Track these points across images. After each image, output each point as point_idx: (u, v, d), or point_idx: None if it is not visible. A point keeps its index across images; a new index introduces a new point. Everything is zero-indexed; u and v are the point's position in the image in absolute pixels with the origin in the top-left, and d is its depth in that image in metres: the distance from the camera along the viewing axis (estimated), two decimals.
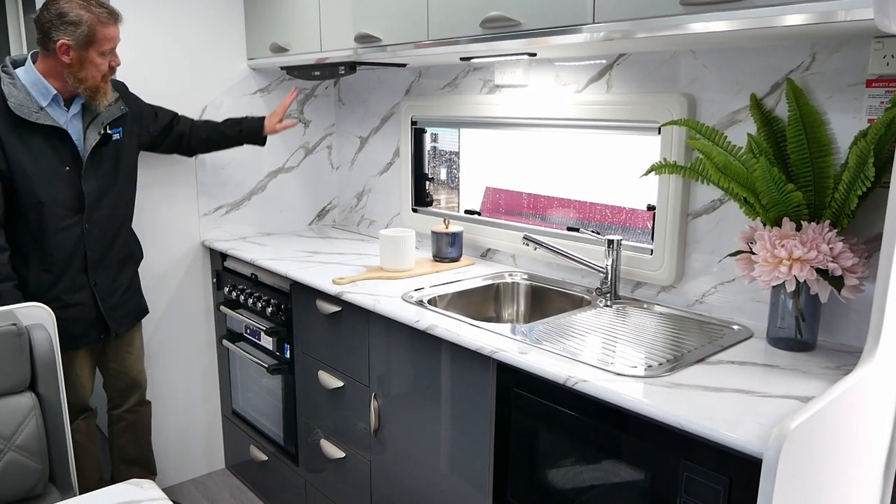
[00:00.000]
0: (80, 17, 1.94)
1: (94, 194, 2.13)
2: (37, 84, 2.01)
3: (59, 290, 2.11)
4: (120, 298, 2.27)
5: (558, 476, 1.50)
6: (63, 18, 1.93)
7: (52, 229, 2.06)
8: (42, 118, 2.00)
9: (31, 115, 1.98)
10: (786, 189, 1.46)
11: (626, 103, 1.92)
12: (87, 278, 2.16)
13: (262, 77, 2.84)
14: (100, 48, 1.98)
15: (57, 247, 2.08)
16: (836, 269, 1.43)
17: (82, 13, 1.94)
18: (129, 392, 2.45)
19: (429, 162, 2.73)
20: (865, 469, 1.33)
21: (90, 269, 2.16)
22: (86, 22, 1.94)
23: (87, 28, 1.95)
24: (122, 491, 1.34)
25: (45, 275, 2.09)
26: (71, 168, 2.08)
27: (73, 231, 2.10)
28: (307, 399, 2.35)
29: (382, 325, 1.94)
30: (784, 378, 1.39)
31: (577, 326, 1.74)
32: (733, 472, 1.17)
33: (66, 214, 2.08)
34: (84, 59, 1.97)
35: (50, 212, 2.05)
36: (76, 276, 2.14)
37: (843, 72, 1.53)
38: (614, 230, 2.16)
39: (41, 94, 2.01)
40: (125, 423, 2.47)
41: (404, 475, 1.95)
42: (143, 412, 2.51)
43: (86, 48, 1.96)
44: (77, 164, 2.09)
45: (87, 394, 2.30)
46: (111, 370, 2.39)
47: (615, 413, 1.35)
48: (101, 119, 2.13)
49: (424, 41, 1.97)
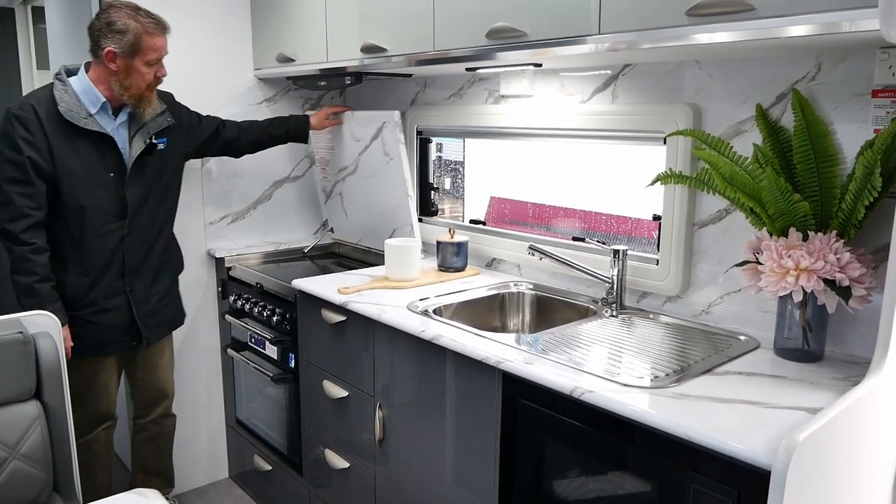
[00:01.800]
0: (126, 26, 1.99)
1: (136, 201, 2.16)
2: (87, 92, 2.06)
3: (96, 294, 2.13)
4: (155, 306, 2.28)
5: (564, 487, 1.49)
6: (111, 27, 1.99)
7: (92, 234, 2.10)
8: (90, 124, 2.04)
9: (80, 121, 2.03)
10: (792, 199, 1.46)
11: (631, 114, 1.92)
12: (124, 284, 2.18)
13: (269, 87, 2.85)
14: (145, 57, 2.03)
15: (96, 251, 2.11)
16: (844, 280, 1.42)
17: (129, 22, 1.99)
18: (156, 403, 2.45)
19: (434, 171, 2.73)
20: (875, 481, 1.32)
21: (127, 276, 2.18)
22: (132, 31, 1.99)
23: (132, 37, 1.99)
24: (126, 500, 1.34)
25: (83, 279, 2.11)
26: (115, 174, 2.11)
27: (113, 236, 2.13)
28: (312, 409, 2.34)
29: (387, 335, 1.94)
30: (792, 389, 1.38)
31: (583, 337, 1.74)
32: (741, 484, 1.16)
33: (108, 220, 2.12)
34: (130, 67, 2.02)
35: (92, 216, 2.08)
36: (113, 281, 2.16)
37: (848, 82, 1.53)
38: (620, 240, 2.16)
39: (91, 102, 2.06)
40: (148, 434, 2.48)
41: (409, 486, 1.94)
42: (167, 424, 2.51)
43: (131, 56, 2.01)
44: (121, 170, 2.13)
45: (112, 402, 2.30)
46: (139, 380, 2.40)
47: (621, 424, 1.34)
48: (147, 129, 2.18)
49: (430, 52, 1.97)
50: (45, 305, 1.97)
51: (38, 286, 1.99)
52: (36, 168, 1.98)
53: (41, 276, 2.00)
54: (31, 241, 1.99)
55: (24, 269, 1.98)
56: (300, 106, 2.94)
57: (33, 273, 1.99)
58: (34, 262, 1.99)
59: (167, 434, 2.53)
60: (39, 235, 2.01)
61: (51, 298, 2.01)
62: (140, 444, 2.49)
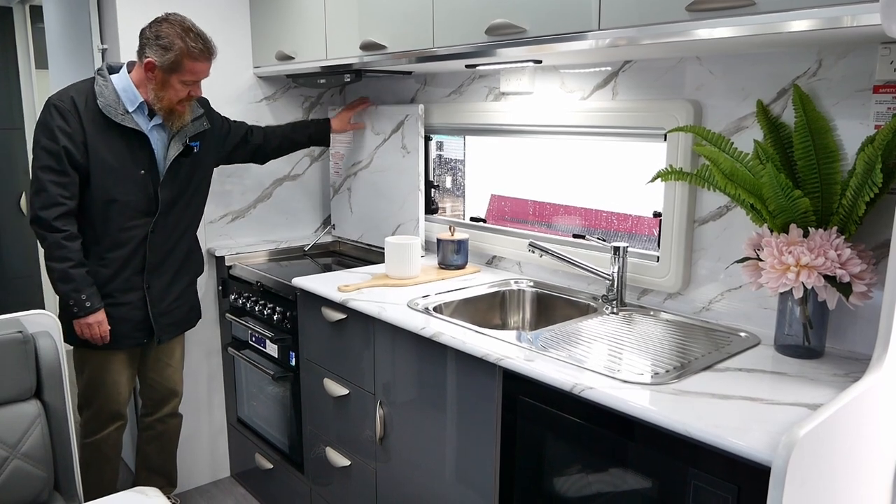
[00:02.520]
0: (172, 44, 2.01)
1: (167, 202, 2.19)
2: (127, 90, 2.10)
3: (113, 287, 2.15)
4: (170, 306, 2.29)
5: (564, 484, 1.49)
6: (158, 40, 2.02)
7: (116, 227, 2.12)
8: (126, 121, 2.08)
9: (117, 117, 2.06)
10: (793, 195, 1.46)
11: (631, 110, 1.92)
12: (143, 280, 2.20)
13: (269, 85, 2.85)
14: (182, 77, 2.06)
15: (119, 245, 2.13)
16: (844, 276, 1.42)
17: (176, 41, 2.01)
18: (164, 402, 2.46)
19: (434, 170, 2.73)
20: (875, 476, 1.31)
21: (147, 272, 2.20)
22: (176, 50, 2.01)
23: (174, 56, 2.02)
24: (127, 498, 1.34)
25: (102, 270, 2.13)
26: (146, 172, 2.14)
27: (138, 232, 2.15)
28: (312, 407, 2.34)
29: (388, 333, 1.94)
30: (792, 385, 1.38)
31: (584, 334, 1.73)
32: (742, 480, 1.16)
33: (135, 216, 2.14)
34: (166, 81, 2.06)
35: (119, 211, 2.11)
36: (132, 276, 2.18)
37: (849, 78, 1.52)
38: (620, 237, 2.15)
39: (129, 100, 2.10)
40: (154, 433, 2.49)
41: (410, 483, 1.94)
42: (173, 423, 2.52)
43: (169, 73, 2.04)
44: (153, 169, 2.16)
45: (123, 401, 2.30)
46: (149, 378, 2.41)
47: (622, 421, 1.34)
48: (185, 132, 2.20)
49: (430, 48, 1.97)
50: (81, 290, 2.04)
51: (72, 271, 2.03)
52: (70, 158, 2.02)
53: (76, 262, 2.04)
54: (65, 229, 2.03)
55: (59, 256, 2.02)
56: (300, 104, 2.94)
57: (68, 259, 2.03)
58: (68, 248, 2.03)
59: (172, 433, 2.53)
60: (71, 223, 2.05)
61: (85, 283, 2.06)
62: (145, 441, 2.50)
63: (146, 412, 2.47)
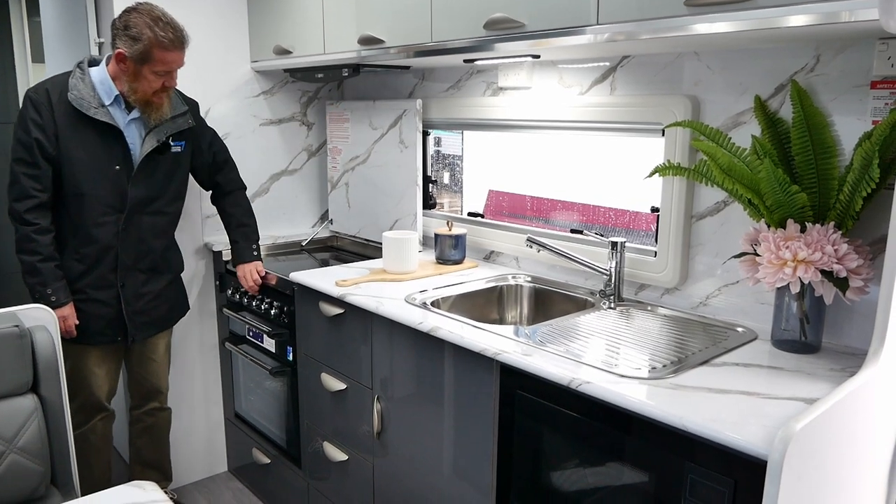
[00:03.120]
0: (140, 35, 1.97)
1: (138, 199, 2.16)
2: (103, 83, 2.07)
3: (86, 282, 2.14)
4: (146, 305, 2.27)
5: (562, 478, 1.49)
6: (127, 30, 1.98)
7: (89, 222, 2.10)
8: (100, 115, 2.05)
9: (90, 111, 2.03)
10: (790, 190, 1.46)
11: (629, 105, 1.92)
12: (116, 278, 2.18)
13: (266, 80, 2.84)
14: (153, 67, 2.02)
15: (92, 241, 2.12)
16: (841, 271, 1.42)
17: (145, 31, 1.97)
18: (150, 397, 2.46)
19: (432, 165, 2.73)
20: (871, 470, 1.32)
21: (120, 270, 2.18)
22: (145, 40, 1.97)
23: (143, 46, 1.98)
24: (124, 493, 1.34)
25: (77, 265, 2.12)
26: (121, 168, 2.12)
27: (108, 228, 2.13)
28: (310, 402, 2.34)
29: (385, 328, 1.94)
30: (789, 380, 1.38)
31: (581, 328, 1.74)
32: (738, 474, 1.16)
33: (105, 211, 2.12)
34: (138, 72, 2.02)
35: (89, 205, 2.09)
36: (106, 273, 2.16)
37: (847, 73, 1.53)
38: (618, 233, 2.16)
39: (105, 93, 2.07)
40: (143, 426, 2.49)
41: (407, 478, 1.95)
42: (161, 416, 2.52)
43: (140, 63, 2.01)
44: (128, 165, 2.13)
45: (103, 394, 2.29)
46: (135, 373, 2.41)
47: (619, 415, 1.35)
48: (165, 128, 2.17)
49: (428, 43, 1.97)
50: (48, 284, 2.03)
51: (40, 265, 2.03)
52: (42, 150, 2.01)
53: (44, 256, 2.04)
54: (35, 222, 2.02)
55: (28, 249, 2.03)
56: (298, 98, 2.94)
57: (36, 252, 2.03)
58: (37, 241, 2.02)
59: (162, 426, 2.53)
60: (43, 216, 2.05)
61: (53, 277, 2.05)
62: (136, 435, 2.50)
63: (134, 405, 2.47)
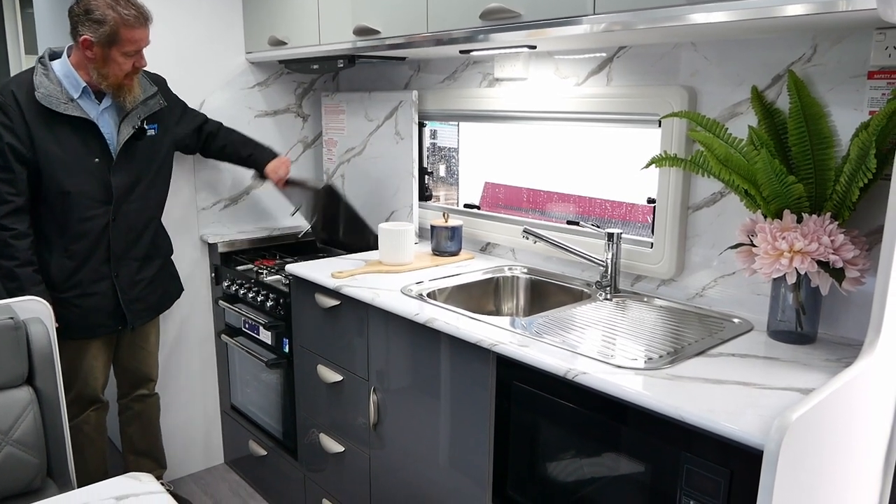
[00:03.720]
0: (104, 16, 1.94)
1: (122, 187, 2.15)
2: (69, 76, 2.04)
3: (81, 277, 2.13)
4: (141, 292, 2.27)
5: (558, 469, 1.49)
6: (89, 15, 1.94)
7: (76, 219, 2.09)
8: (70, 109, 2.02)
9: (59, 107, 2.00)
10: (787, 181, 1.46)
11: (626, 96, 1.91)
12: (110, 269, 2.17)
13: (261, 71, 2.83)
14: (122, 48, 1.99)
15: (80, 236, 2.10)
16: (838, 262, 1.42)
17: (108, 12, 1.94)
18: (140, 384, 2.47)
19: (428, 157, 2.72)
20: (866, 460, 1.32)
21: (113, 261, 2.17)
22: (110, 22, 1.94)
23: (109, 28, 1.94)
24: (120, 484, 1.33)
25: (68, 262, 2.11)
26: (101, 160, 2.10)
27: (98, 222, 2.12)
28: (306, 393, 2.34)
29: (382, 319, 1.93)
30: (785, 370, 1.39)
31: (577, 320, 1.74)
32: (734, 464, 1.17)
33: (92, 205, 2.10)
34: (107, 56, 1.98)
35: (75, 202, 2.07)
36: (99, 266, 2.15)
37: (844, 63, 1.52)
38: (614, 225, 2.15)
39: (72, 86, 2.04)
40: (132, 413, 2.49)
41: (404, 469, 1.95)
42: (150, 402, 2.52)
43: (108, 47, 1.97)
44: (107, 156, 2.11)
45: (99, 386, 2.30)
46: (123, 363, 2.41)
47: (615, 406, 1.35)
48: (137, 113, 2.15)
49: (424, 33, 1.96)
50: (26, 289, 2.00)
51: (18, 270, 2.01)
52: (15, 154, 1.98)
53: (21, 261, 2.01)
54: (12, 227, 2.00)
55: (5, 254, 2.01)
56: (293, 90, 2.92)
57: (14, 258, 2.01)
58: (14, 247, 2.00)
59: (151, 412, 2.53)
60: (21, 220, 2.02)
61: (31, 282, 2.02)
62: (126, 423, 2.51)
63: (122, 393, 2.47)
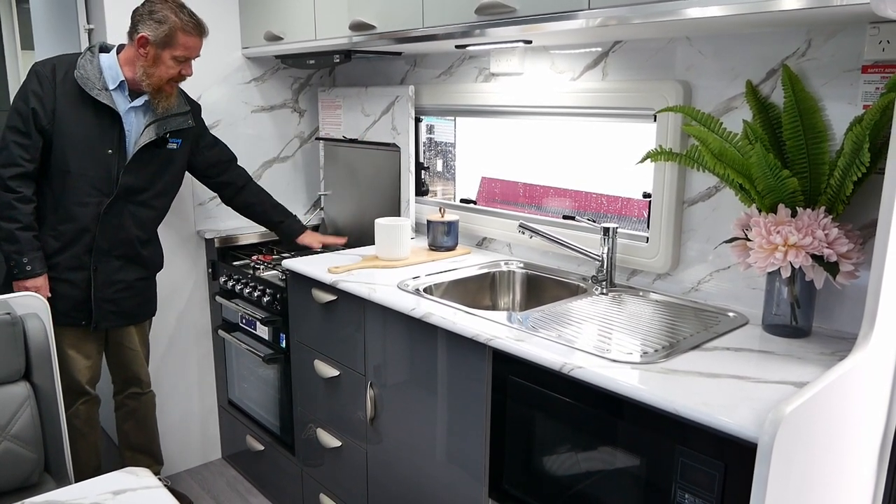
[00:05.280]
0: (166, 18, 2.05)
1: (127, 187, 2.17)
2: (111, 68, 2.11)
3: (60, 260, 2.15)
4: (115, 294, 2.25)
5: (554, 463, 1.50)
6: (152, 15, 2.05)
7: (72, 201, 2.12)
8: (102, 97, 2.09)
9: (92, 91, 2.07)
10: (781, 175, 1.46)
11: (621, 91, 1.91)
12: (90, 261, 2.18)
13: (257, 66, 2.82)
14: (174, 52, 2.08)
15: (71, 219, 2.13)
16: (832, 255, 1.43)
17: (170, 15, 2.05)
18: (129, 384, 2.46)
19: (424, 153, 2.72)
20: (860, 453, 1.33)
21: (94, 253, 2.17)
22: (170, 24, 2.05)
23: (168, 29, 2.05)
24: (117, 479, 1.34)
25: (53, 241, 2.13)
26: (113, 152, 2.14)
27: (90, 210, 2.14)
28: (303, 389, 2.35)
29: (378, 314, 1.94)
30: (779, 364, 1.39)
31: (573, 314, 1.74)
32: (728, 457, 1.17)
33: (90, 191, 2.13)
34: (158, 57, 2.07)
35: (74, 184, 2.11)
36: (80, 254, 2.16)
37: (838, 58, 1.53)
38: (610, 220, 2.16)
39: (111, 78, 2.11)
40: (126, 409, 2.49)
41: (400, 463, 1.96)
42: (144, 400, 2.51)
43: (162, 47, 2.06)
44: (121, 150, 2.15)
45: (83, 378, 2.29)
46: (112, 359, 2.41)
47: (611, 399, 1.35)
48: (166, 124, 2.20)
49: (419, 29, 1.96)
50: (24, 253, 2.05)
51: (18, 233, 2.05)
52: (37, 121, 2.05)
53: (24, 225, 2.05)
54: (18, 190, 2.05)
55: (8, 216, 2.04)
56: (289, 85, 2.92)
57: (16, 220, 2.05)
58: (18, 209, 2.05)
59: (146, 410, 2.53)
60: (27, 186, 2.07)
61: (31, 247, 2.07)
62: (121, 419, 2.51)
63: (116, 390, 2.48)
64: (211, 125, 2.71)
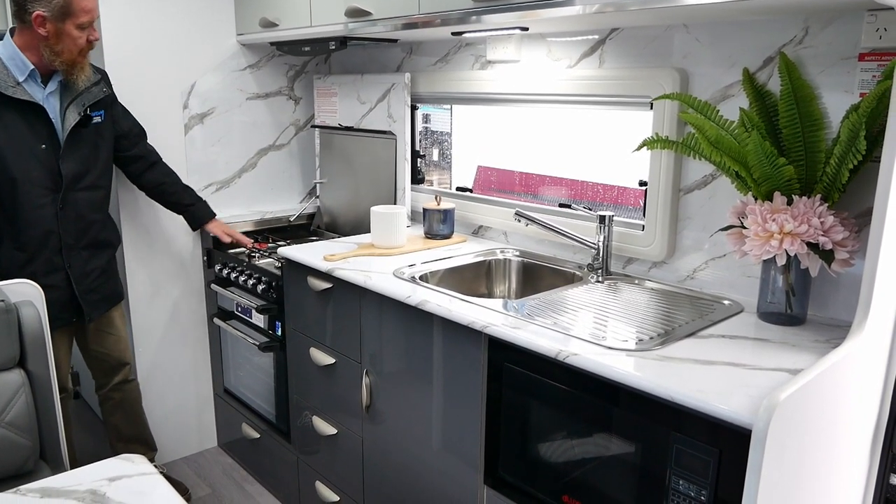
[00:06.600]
0: None
1: (71, 176, 2.09)
2: (14, 58, 1.97)
3: (34, 269, 2.08)
4: (94, 283, 2.23)
5: (549, 450, 1.50)
6: None
7: (26, 207, 2.03)
8: (18, 93, 1.96)
9: (7, 90, 1.94)
10: (777, 163, 1.46)
11: (618, 78, 1.91)
12: (63, 260, 2.13)
13: (252, 53, 2.81)
14: (76, 20, 1.94)
15: (30, 226, 2.05)
16: (827, 243, 1.43)
17: None
18: (114, 371, 2.43)
19: (421, 141, 2.71)
20: (854, 440, 1.34)
21: (65, 251, 2.13)
22: None
23: (62, 0, 1.90)
24: (113, 465, 1.34)
25: (19, 254, 2.07)
26: (48, 146, 2.04)
27: (47, 210, 2.07)
28: (299, 376, 2.35)
29: (374, 302, 1.94)
30: (774, 351, 1.40)
31: (569, 302, 1.74)
32: (723, 443, 1.18)
33: (42, 193, 2.05)
34: (61, 31, 1.93)
35: (24, 189, 2.02)
36: (52, 257, 2.11)
37: (835, 46, 1.52)
38: (606, 208, 2.16)
39: (18, 69, 1.98)
40: (113, 402, 2.47)
41: (396, 451, 1.96)
42: (129, 389, 2.49)
43: (62, 20, 1.92)
44: (54, 142, 2.05)
45: (63, 375, 2.27)
46: (92, 351, 2.37)
47: (606, 386, 1.36)
48: (82, 100, 2.09)
49: (416, 15, 1.95)
50: None
51: None
52: None
53: None
54: None
55: None
56: (284, 72, 2.90)
57: None
58: None
59: (132, 399, 2.51)
60: None
61: None
62: (109, 413, 2.48)
63: (99, 384, 2.44)
64: (205, 112, 2.70)
